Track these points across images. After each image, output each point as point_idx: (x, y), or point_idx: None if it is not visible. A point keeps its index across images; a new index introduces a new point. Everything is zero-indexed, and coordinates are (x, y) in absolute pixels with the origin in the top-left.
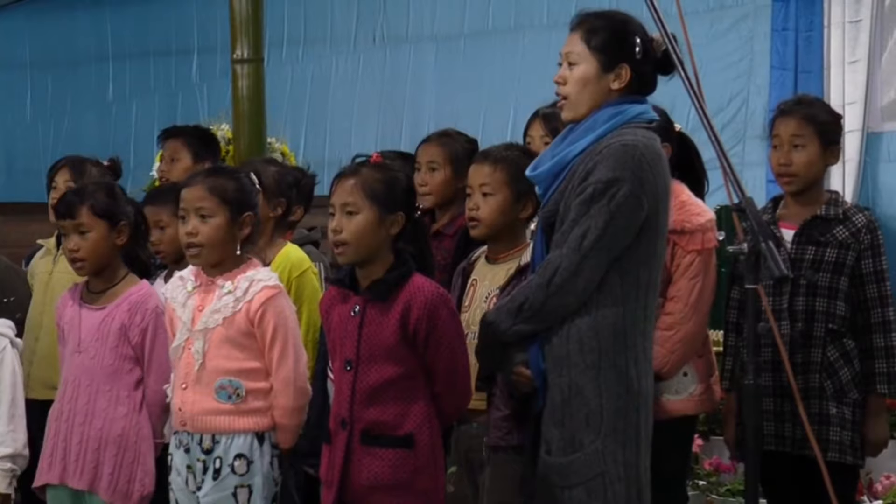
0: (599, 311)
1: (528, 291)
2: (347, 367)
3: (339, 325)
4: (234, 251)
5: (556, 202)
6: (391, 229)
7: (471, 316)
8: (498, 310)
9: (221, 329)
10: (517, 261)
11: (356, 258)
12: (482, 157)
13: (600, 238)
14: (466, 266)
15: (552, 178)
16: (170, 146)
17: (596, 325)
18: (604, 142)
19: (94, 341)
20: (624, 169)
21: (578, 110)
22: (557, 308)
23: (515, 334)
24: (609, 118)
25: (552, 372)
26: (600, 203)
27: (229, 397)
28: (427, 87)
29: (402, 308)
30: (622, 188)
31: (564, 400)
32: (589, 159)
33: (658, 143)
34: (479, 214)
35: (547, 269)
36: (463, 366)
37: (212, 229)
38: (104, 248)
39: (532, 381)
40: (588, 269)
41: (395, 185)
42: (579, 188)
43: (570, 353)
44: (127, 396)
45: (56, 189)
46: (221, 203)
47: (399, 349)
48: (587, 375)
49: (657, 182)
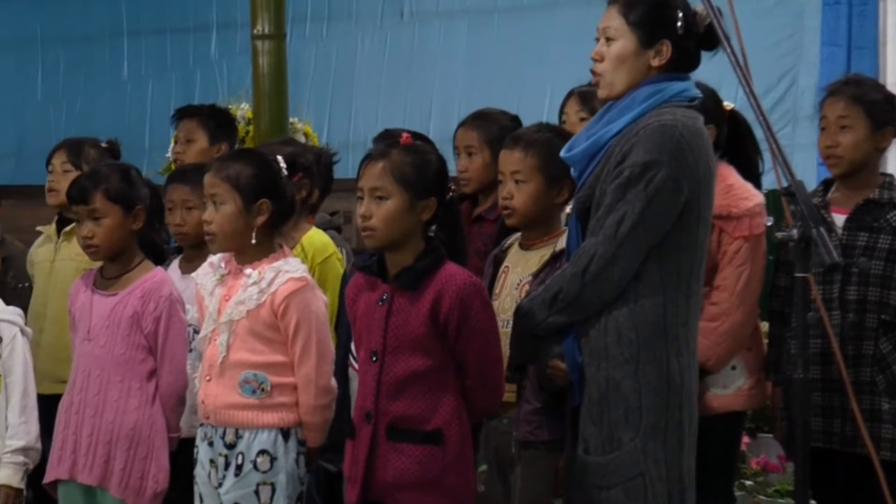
0: (638, 301)
1: (563, 281)
2: (373, 357)
3: (365, 314)
4: (248, 239)
5: (591, 186)
6: (422, 215)
7: (501, 304)
8: (532, 300)
9: (246, 321)
10: (551, 247)
11: (385, 243)
12: (512, 142)
13: (637, 225)
14: (499, 253)
15: (587, 161)
16: (184, 127)
17: (634, 316)
18: (642, 122)
19: (105, 329)
20: (662, 151)
21: (615, 88)
22: (593, 298)
23: (550, 326)
24: (647, 97)
25: (589, 366)
26: (637, 187)
27: (253, 392)
28: (458, 66)
29: (432, 297)
30: (660, 171)
31: (602, 395)
32: (625, 141)
33: (700, 123)
34: (513, 204)
35: (582, 257)
36: (495, 359)
37: (222, 217)
38: (119, 234)
39: (567, 375)
40: (625, 258)
41: (427, 169)
42: (615, 171)
43: (608, 346)
44: (139, 388)
45: (53, 172)
46: (233, 189)
47: (428, 340)
48: (625, 370)
49: (698, 164)
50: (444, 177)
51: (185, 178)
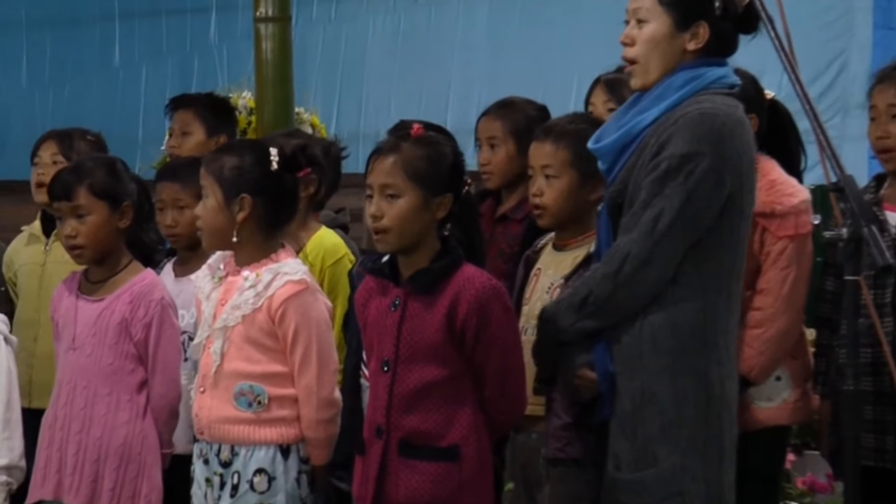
0: (675, 305)
1: (593, 283)
2: (384, 367)
3: (376, 321)
4: (229, 238)
5: (623, 180)
6: (437, 213)
7: (531, 309)
8: (558, 304)
9: (241, 327)
10: (586, 248)
11: (398, 246)
12: (543, 134)
13: (676, 221)
14: (531, 254)
15: (618, 153)
16: (179, 118)
17: (671, 321)
18: (678, 110)
19: (91, 337)
20: (702, 141)
21: (648, 75)
22: (626, 302)
23: (578, 332)
24: (684, 83)
25: (621, 375)
26: (675, 181)
27: (249, 405)
28: (477, 51)
29: (449, 302)
30: (700, 163)
31: (636, 407)
32: (661, 130)
33: (741, 111)
34: (544, 201)
35: (614, 257)
36: (517, 368)
37: (205, 212)
38: (106, 233)
39: (597, 386)
40: (661, 257)
41: (441, 163)
42: (651, 164)
43: (642, 354)
44: (129, 401)
45: (39, 164)
46: (215, 183)
47: (444, 348)
48: (662, 379)
49: (741, 155)
50: (459, 171)
51: (175, 174)
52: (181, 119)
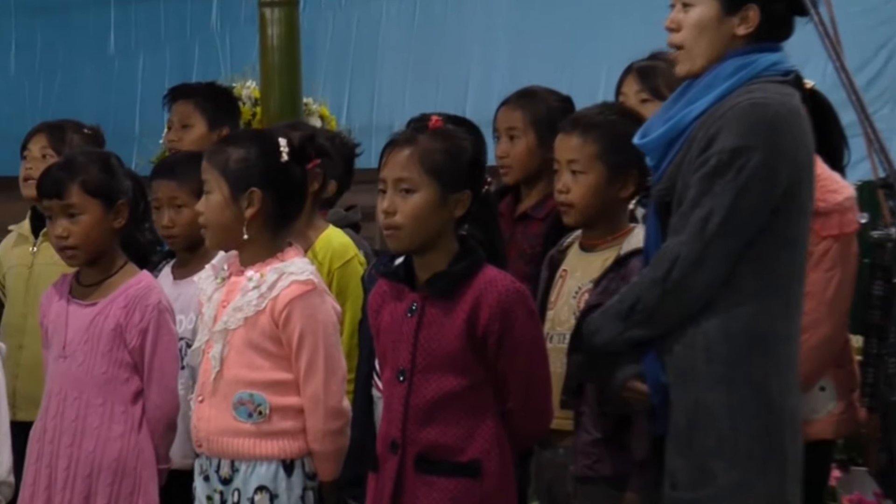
0: (729, 310)
1: (641, 289)
2: (400, 377)
3: (390, 328)
4: (239, 235)
5: (671, 177)
6: (455, 210)
7: (556, 314)
8: (604, 312)
9: (243, 331)
10: (616, 249)
11: (411, 245)
12: (570, 125)
13: (727, 220)
14: (556, 254)
15: (666, 148)
16: (179, 110)
17: (726, 328)
18: (728, 101)
19: (83, 344)
20: (755, 134)
21: (695, 62)
22: (677, 308)
23: (626, 342)
24: (734, 71)
25: (674, 387)
26: (726, 177)
27: (249, 415)
28: (499, 37)
29: (469, 307)
30: (752, 157)
31: (690, 422)
32: (710, 123)
33: (797, 100)
34: (571, 198)
35: (663, 260)
36: (543, 377)
37: (209, 208)
38: (99, 233)
39: (647, 399)
40: (713, 260)
41: (460, 157)
42: (699, 159)
43: (696, 364)
44: (123, 412)
45: (30, 159)
46: (220, 176)
47: (464, 357)
48: (716, 391)
49: (797, 148)
50: (480, 166)
51: (172, 171)
52: (181, 111)
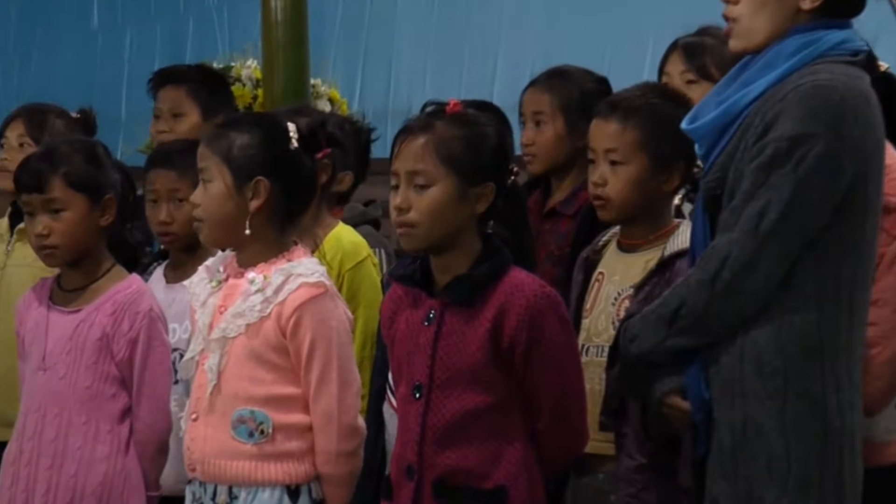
0: (785, 317)
1: (686, 292)
2: (416, 394)
3: (406, 338)
4: (241, 230)
5: (722, 167)
6: (477, 206)
7: (592, 323)
8: (643, 317)
9: (244, 339)
10: (659, 250)
11: (427, 244)
12: (607, 109)
13: (785, 216)
14: (591, 254)
15: (717, 134)
16: (168, 97)
17: (780, 337)
18: (789, 83)
19: (66, 355)
20: (818, 120)
21: (752, 37)
22: (726, 314)
23: (668, 351)
24: (797, 50)
25: (720, 403)
26: (784, 168)
27: (250, 434)
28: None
29: (493, 314)
30: (815, 147)
31: (737, 442)
32: (768, 107)
33: (866, 83)
34: (608, 192)
35: (711, 260)
36: (576, 393)
37: (209, 198)
38: (84, 231)
39: (689, 416)
40: (768, 260)
41: (482, 145)
42: (755, 148)
43: (745, 378)
44: (109, 431)
45: (7, 148)
46: (222, 163)
47: (488, 370)
48: (768, 408)
49: (864, 137)
50: (504, 155)
51: (171, 160)
52: (170, 98)
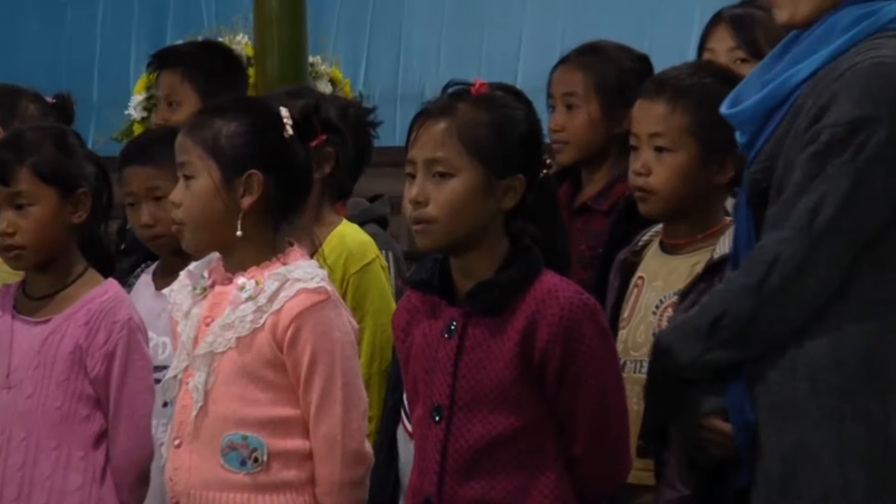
0: (842, 328)
1: (729, 299)
2: (436, 416)
3: (424, 353)
4: (230, 231)
5: (769, 157)
6: (504, 201)
7: (630, 334)
8: (677, 328)
9: (235, 355)
10: (708, 252)
11: (446, 242)
12: (654, 90)
13: (842, 212)
14: (629, 256)
15: (763, 119)
16: (165, 83)
17: (836, 350)
18: (846, 59)
19: (33, 371)
20: (879, 102)
21: (801, 8)
22: (774, 324)
23: (707, 366)
24: (854, 22)
25: (767, 426)
26: (841, 157)
27: (243, 463)
28: None
29: (523, 325)
30: (876, 133)
31: (787, 470)
32: (822, 88)
33: None
34: (651, 182)
35: (757, 262)
36: (617, 415)
37: (193, 196)
38: (53, 229)
39: (731, 441)
40: (823, 262)
41: (512, 132)
42: (808, 135)
43: (797, 397)
44: (83, 458)
45: None
46: (208, 156)
47: (518, 389)
48: (824, 431)
49: None
50: (535, 144)
51: (146, 154)
52: (167, 84)
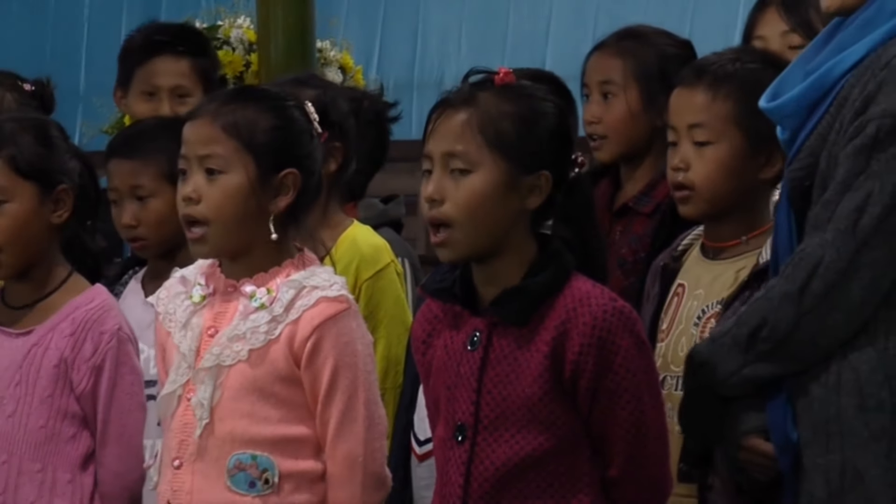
0: (891, 338)
1: (768, 308)
2: (459, 436)
3: (446, 367)
4: (265, 233)
5: (813, 152)
6: (529, 200)
7: (670, 347)
8: (715, 340)
9: (246, 368)
10: (754, 255)
11: (470, 253)
12: (693, 76)
13: (890, 212)
14: (669, 262)
15: (806, 112)
16: (169, 70)
17: (886, 363)
18: (893, 45)
19: (14, 388)
20: None
21: None
22: (818, 334)
23: (745, 381)
24: None
25: (811, 446)
26: (888, 152)
27: (252, 485)
28: None
29: (553, 335)
30: None
31: (833, 492)
32: (868, 77)
33: None
34: (691, 178)
35: (799, 267)
36: (656, 433)
37: (223, 194)
38: (32, 229)
39: (774, 463)
40: (870, 267)
41: (538, 125)
42: (853, 127)
43: (843, 414)
44: (69, 482)
45: None
46: (244, 150)
47: (548, 406)
48: (872, 451)
49: None
50: (565, 138)
51: (131, 146)
52: (172, 71)
